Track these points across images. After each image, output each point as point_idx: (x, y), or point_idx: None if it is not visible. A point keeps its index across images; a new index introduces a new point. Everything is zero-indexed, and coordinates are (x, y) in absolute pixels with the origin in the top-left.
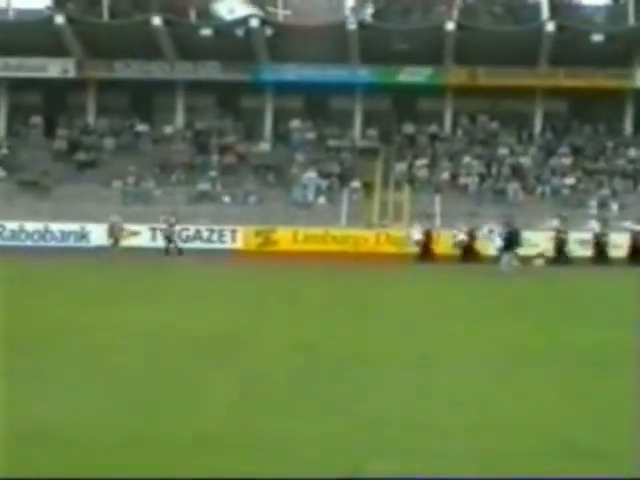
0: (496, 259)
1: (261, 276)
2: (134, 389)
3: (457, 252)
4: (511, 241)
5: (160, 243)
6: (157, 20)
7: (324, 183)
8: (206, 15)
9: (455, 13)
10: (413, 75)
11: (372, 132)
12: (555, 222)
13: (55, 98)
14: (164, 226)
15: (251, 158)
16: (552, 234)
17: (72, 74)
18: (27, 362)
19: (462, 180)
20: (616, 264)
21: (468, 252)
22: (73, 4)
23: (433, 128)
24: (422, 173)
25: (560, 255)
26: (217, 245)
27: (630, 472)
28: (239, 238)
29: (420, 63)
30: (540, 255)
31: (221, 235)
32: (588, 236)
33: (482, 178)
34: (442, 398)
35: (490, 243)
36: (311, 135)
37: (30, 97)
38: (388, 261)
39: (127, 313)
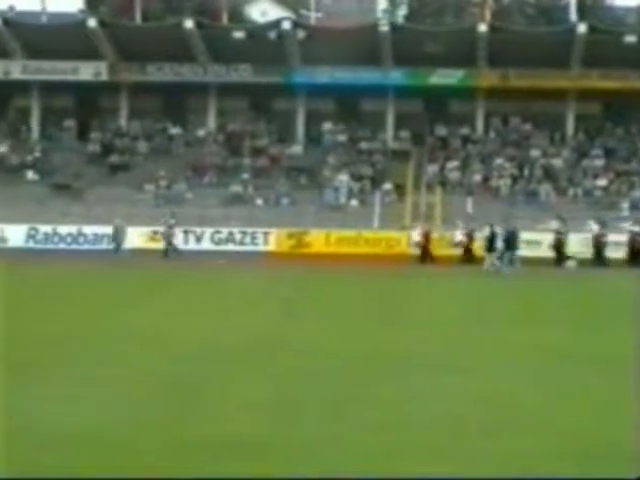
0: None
1: (294, 279)
2: (168, 393)
3: (458, 252)
4: (510, 242)
5: (192, 246)
6: (189, 23)
7: (356, 185)
8: (238, 18)
9: (487, 15)
10: (445, 77)
11: (404, 134)
12: (554, 224)
13: (88, 101)
14: (163, 228)
15: (283, 160)
16: (552, 235)
17: (105, 77)
18: (60, 366)
19: (494, 182)
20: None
21: (467, 253)
22: (106, 7)
23: (465, 130)
24: (454, 175)
25: (558, 255)
26: (250, 247)
27: None
28: (272, 240)
29: (452, 65)
30: (572, 257)
31: (253, 237)
32: (623, 238)
33: (514, 180)
34: (478, 400)
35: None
36: (343, 137)
37: (63, 100)
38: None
39: (158, 317)
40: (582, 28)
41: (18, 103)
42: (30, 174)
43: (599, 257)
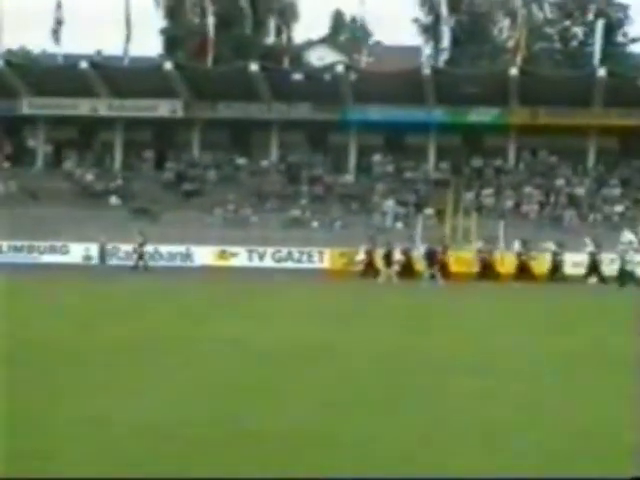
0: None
1: (346, 292)
2: (231, 392)
3: (358, 270)
4: (431, 259)
5: (256, 263)
6: (255, 66)
7: (401, 210)
8: (298, 62)
9: (518, 60)
10: (481, 115)
11: (444, 165)
12: (552, 245)
13: (164, 135)
14: (135, 245)
15: (337, 188)
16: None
17: (180, 114)
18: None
19: (524, 208)
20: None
21: (407, 270)
22: (181, 52)
23: (498, 162)
24: (488, 202)
25: (556, 274)
26: (306, 265)
27: None
28: (326, 259)
29: (487, 104)
30: (590, 274)
31: (310, 256)
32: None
33: (542, 206)
34: (507, 402)
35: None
36: (390, 168)
37: (142, 134)
38: (458, 279)
39: (224, 327)
40: (602, 72)
41: (103, 137)
42: (113, 199)
43: (595, 273)
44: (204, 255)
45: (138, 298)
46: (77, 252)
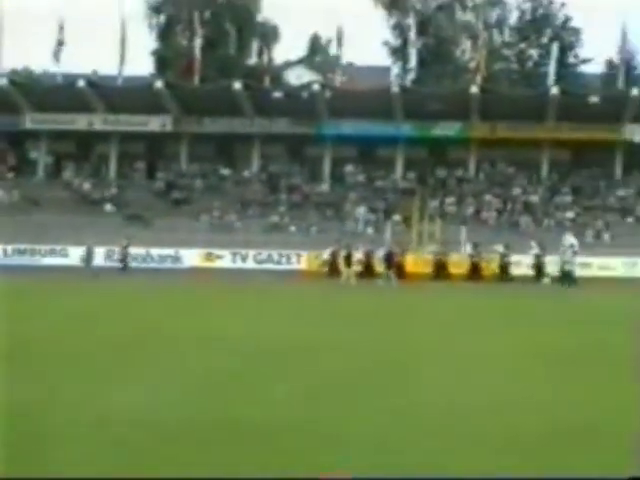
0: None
1: (321, 292)
2: (223, 384)
3: (324, 270)
4: (389, 260)
5: (240, 264)
6: (238, 85)
7: (372, 217)
8: (278, 81)
9: (479, 79)
10: (445, 129)
11: (411, 175)
12: (500, 248)
13: (155, 148)
14: (119, 248)
15: (313, 196)
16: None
17: (169, 128)
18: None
19: (484, 214)
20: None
21: (368, 271)
22: (171, 71)
23: (460, 172)
24: (451, 209)
25: (504, 274)
26: (285, 266)
27: (620, 448)
28: (303, 261)
29: (450, 120)
30: (546, 275)
31: (288, 258)
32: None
33: (500, 213)
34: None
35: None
36: (362, 178)
37: (135, 147)
38: (413, 279)
39: (212, 322)
40: (555, 90)
41: (99, 149)
42: (108, 206)
43: (540, 273)
44: (192, 257)
45: (132, 297)
46: (75, 255)
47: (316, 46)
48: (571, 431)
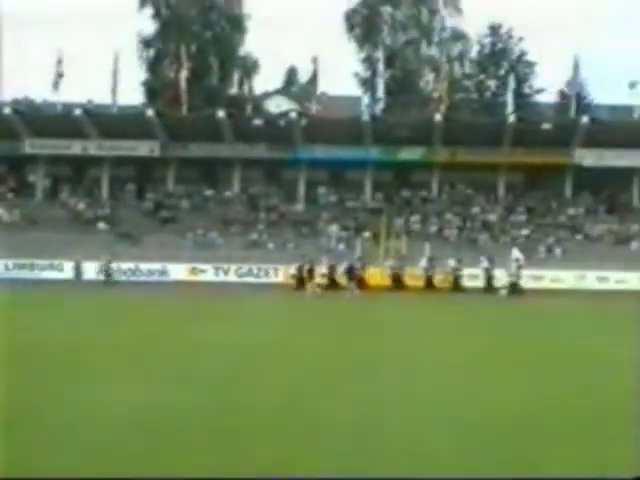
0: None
1: (296, 303)
2: (221, 385)
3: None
4: (350, 273)
5: (223, 278)
6: (221, 113)
7: (343, 234)
8: (258, 109)
9: (442, 108)
10: (410, 154)
11: (379, 196)
12: (453, 262)
13: (144, 171)
14: (103, 263)
15: (289, 215)
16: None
17: (157, 153)
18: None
19: (446, 232)
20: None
21: (332, 283)
22: (160, 101)
23: (424, 193)
24: (416, 226)
25: (454, 287)
26: (264, 280)
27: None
28: (280, 274)
29: (415, 145)
30: (504, 287)
31: (267, 272)
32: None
33: (460, 230)
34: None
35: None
36: (333, 198)
37: (126, 170)
38: (388, 292)
39: (204, 330)
40: (512, 118)
41: (93, 172)
42: (101, 225)
43: (489, 285)
44: (178, 271)
45: (124, 307)
46: (70, 269)
47: (293, 77)
48: (512, 422)
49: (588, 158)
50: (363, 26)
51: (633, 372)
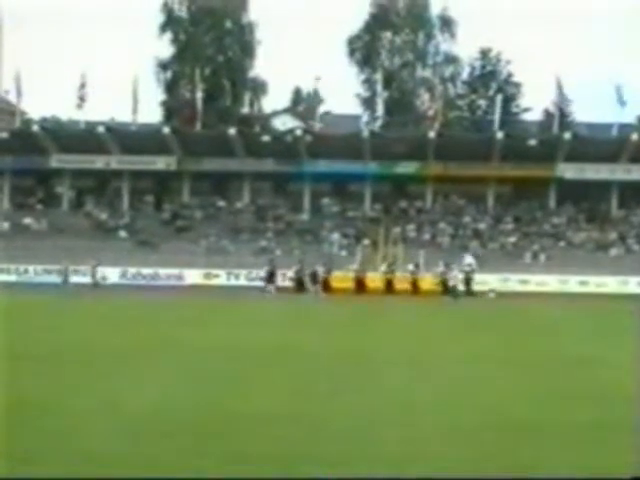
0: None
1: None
2: (220, 382)
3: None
4: (314, 278)
5: (234, 282)
6: (232, 130)
7: (345, 241)
8: (266, 127)
9: (436, 126)
10: (406, 168)
11: (377, 206)
12: (441, 267)
13: (162, 184)
14: (89, 267)
15: (295, 224)
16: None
17: (173, 167)
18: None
19: (439, 239)
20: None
21: (300, 287)
22: (176, 119)
23: (419, 204)
24: (411, 235)
25: (445, 290)
26: None
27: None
28: (286, 278)
29: (411, 160)
30: (492, 290)
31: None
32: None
33: (452, 238)
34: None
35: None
36: (336, 209)
37: (145, 183)
38: (383, 295)
39: (211, 331)
40: (500, 135)
41: (114, 185)
42: (122, 233)
43: (468, 287)
44: (193, 276)
45: (144, 309)
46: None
47: (298, 97)
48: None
49: (570, 171)
50: (363, 50)
51: (621, 371)
